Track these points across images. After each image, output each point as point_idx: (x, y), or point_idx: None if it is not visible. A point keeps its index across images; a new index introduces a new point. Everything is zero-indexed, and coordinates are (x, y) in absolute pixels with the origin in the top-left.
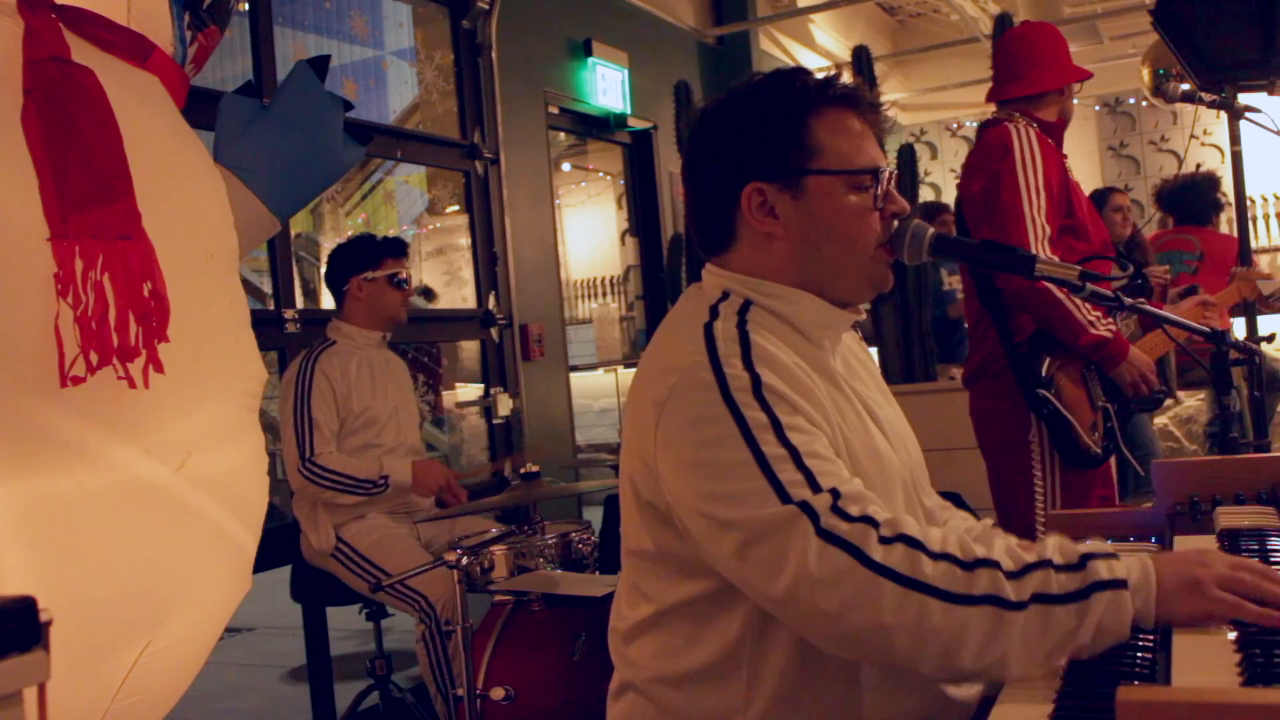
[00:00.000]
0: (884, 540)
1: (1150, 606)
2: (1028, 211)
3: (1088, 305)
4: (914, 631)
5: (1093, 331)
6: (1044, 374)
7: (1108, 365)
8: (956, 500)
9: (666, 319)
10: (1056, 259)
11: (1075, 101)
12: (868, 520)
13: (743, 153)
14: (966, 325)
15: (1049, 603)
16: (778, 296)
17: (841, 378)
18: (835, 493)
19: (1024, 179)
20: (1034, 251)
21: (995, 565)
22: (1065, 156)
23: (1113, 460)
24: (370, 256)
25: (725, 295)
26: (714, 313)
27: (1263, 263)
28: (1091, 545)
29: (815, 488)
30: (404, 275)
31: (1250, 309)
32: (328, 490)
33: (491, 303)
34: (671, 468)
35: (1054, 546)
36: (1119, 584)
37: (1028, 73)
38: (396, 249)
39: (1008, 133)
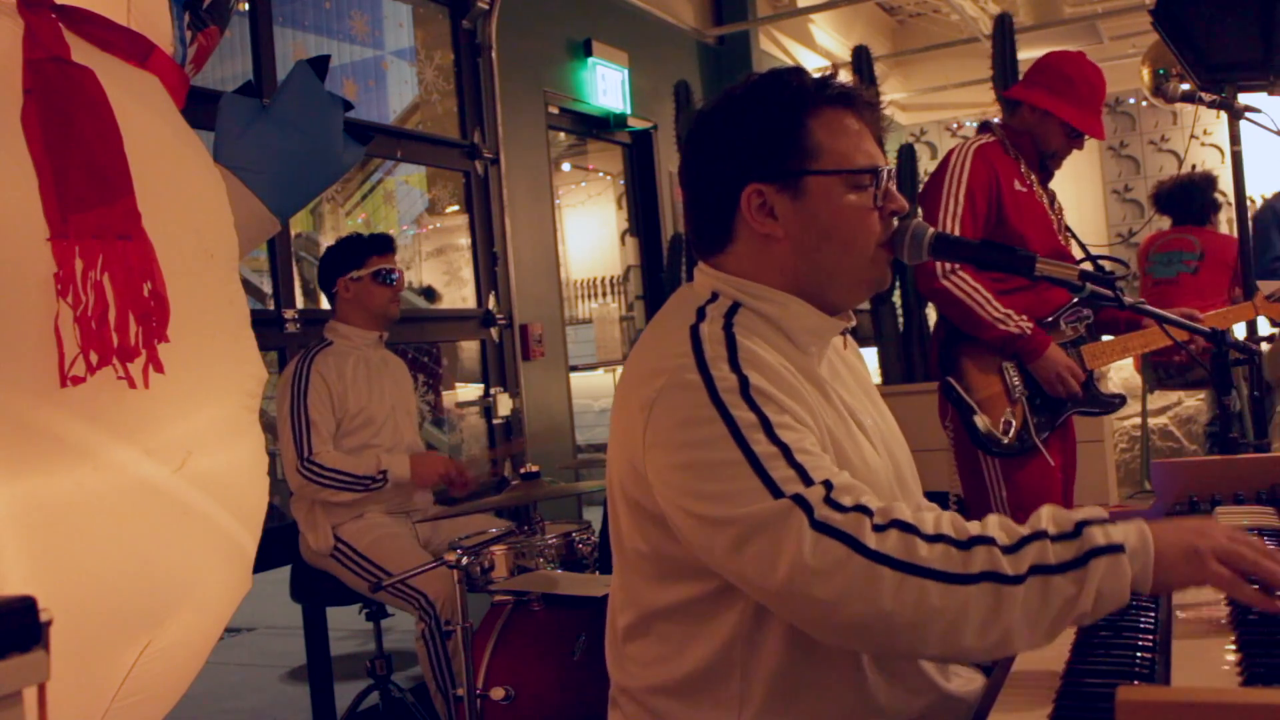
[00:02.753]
0: (878, 528)
1: (1148, 572)
2: (941, 217)
3: (997, 303)
4: (914, 615)
5: (1000, 328)
6: (954, 363)
7: (1025, 360)
8: (956, 501)
9: (654, 320)
10: (964, 279)
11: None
12: (861, 509)
13: (741, 154)
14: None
15: (1047, 573)
16: (767, 300)
17: (827, 384)
18: (828, 484)
19: (948, 186)
20: None
21: (990, 541)
22: (1020, 169)
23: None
24: (354, 256)
25: (714, 296)
26: (700, 314)
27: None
28: (1086, 512)
29: (808, 481)
30: (392, 271)
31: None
32: (327, 488)
33: (491, 303)
34: (660, 469)
35: (1048, 516)
36: (1116, 549)
37: (1020, 81)
38: (381, 245)
39: (951, 151)
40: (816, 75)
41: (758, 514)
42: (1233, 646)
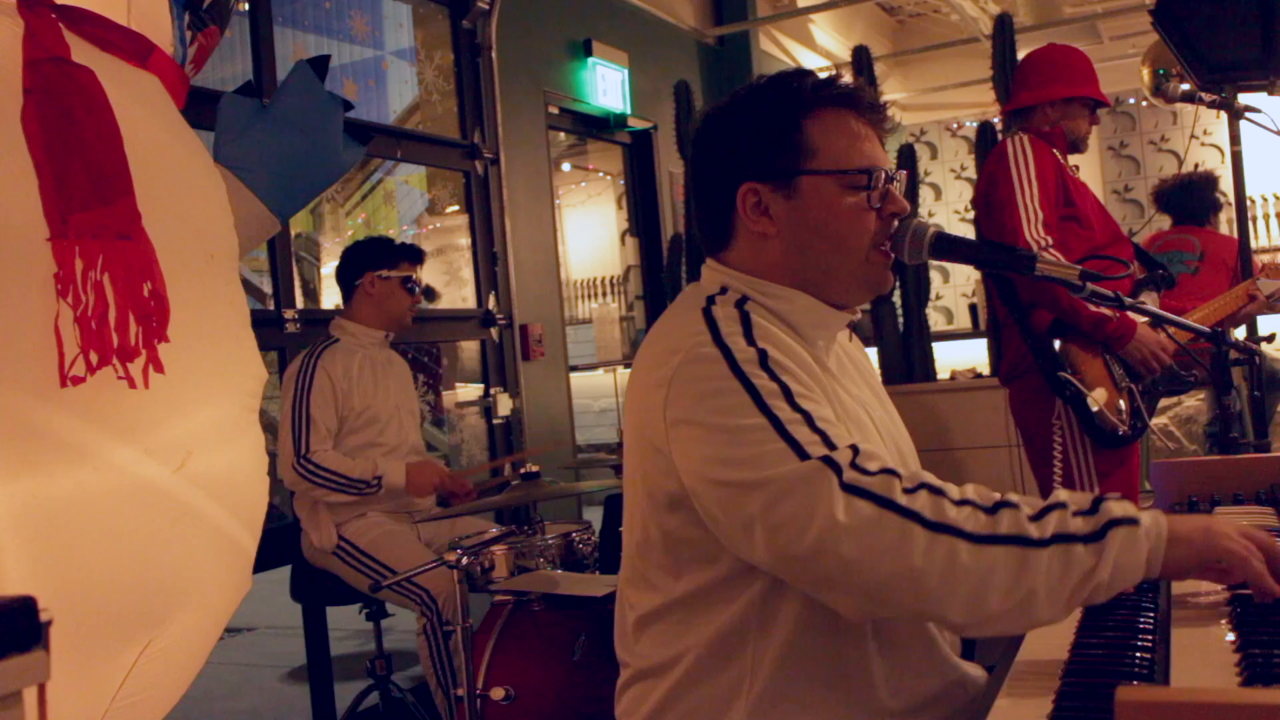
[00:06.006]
0: (907, 489)
1: (1161, 545)
2: (1020, 199)
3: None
4: (944, 573)
5: (1092, 309)
6: (1063, 358)
7: (1115, 345)
8: None
9: (664, 313)
10: (1056, 258)
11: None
12: (889, 471)
13: (738, 153)
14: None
15: (1069, 542)
16: (774, 295)
17: (835, 378)
18: (854, 449)
19: (1016, 172)
20: (1028, 235)
21: (1015, 506)
22: (1067, 160)
23: (1139, 444)
24: (388, 255)
25: (723, 290)
26: (711, 301)
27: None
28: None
29: (832, 446)
30: (419, 283)
31: None
32: (320, 488)
33: (491, 303)
34: (684, 442)
35: (1065, 494)
36: (1132, 521)
37: (1015, 91)
38: (414, 255)
39: (1004, 144)
40: (821, 76)
41: (788, 475)
42: (1232, 647)
